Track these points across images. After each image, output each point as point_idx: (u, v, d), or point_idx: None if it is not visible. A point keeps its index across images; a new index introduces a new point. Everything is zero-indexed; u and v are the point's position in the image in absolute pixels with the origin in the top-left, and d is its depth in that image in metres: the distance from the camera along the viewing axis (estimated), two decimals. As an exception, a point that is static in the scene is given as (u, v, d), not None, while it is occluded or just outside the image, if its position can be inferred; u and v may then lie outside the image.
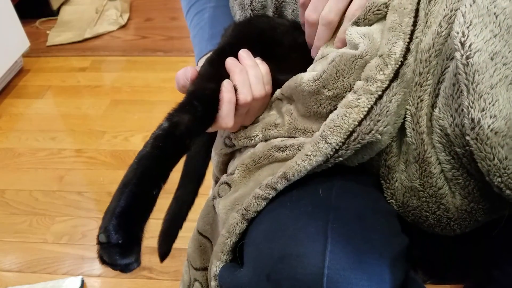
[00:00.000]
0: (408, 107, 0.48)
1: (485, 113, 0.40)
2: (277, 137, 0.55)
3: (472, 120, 0.41)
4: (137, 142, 1.55)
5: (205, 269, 0.59)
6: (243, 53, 0.58)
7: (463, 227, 0.48)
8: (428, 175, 0.47)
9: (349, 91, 0.48)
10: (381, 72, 0.46)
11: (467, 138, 0.42)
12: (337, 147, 0.46)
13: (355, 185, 0.50)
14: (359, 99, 0.46)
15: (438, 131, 0.46)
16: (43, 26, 2.27)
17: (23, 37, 1.91)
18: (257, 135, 0.56)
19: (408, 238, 0.51)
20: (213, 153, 0.65)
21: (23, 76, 1.94)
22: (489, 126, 0.40)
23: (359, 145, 0.46)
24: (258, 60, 0.58)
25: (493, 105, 0.40)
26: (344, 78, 0.49)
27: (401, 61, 0.46)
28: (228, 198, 0.54)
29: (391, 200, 0.51)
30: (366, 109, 0.45)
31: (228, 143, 0.60)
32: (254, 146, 0.58)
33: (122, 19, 2.26)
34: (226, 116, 0.53)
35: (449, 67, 0.45)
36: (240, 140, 0.58)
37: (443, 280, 0.63)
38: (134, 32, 2.20)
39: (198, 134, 0.53)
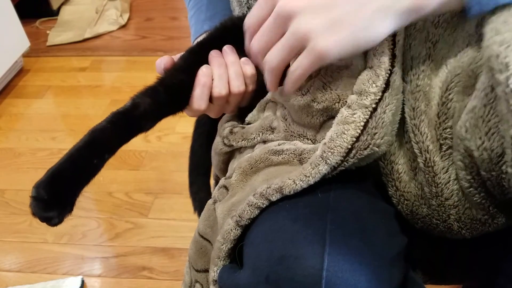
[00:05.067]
0: (405, 114, 0.48)
1: None
2: (274, 141, 0.55)
3: None
4: (137, 142, 1.55)
5: (206, 271, 0.59)
6: (227, 49, 0.59)
7: (474, 234, 0.48)
8: (432, 184, 0.47)
9: (338, 102, 0.48)
10: (373, 85, 0.45)
11: (509, 169, 0.39)
12: (336, 165, 0.46)
13: (353, 185, 0.50)
14: (354, 114, 0.46)
15: (462, 150, 0.44)
16: (43, 26, 2.27)
17: (23, 37, 1.91)
18: (254, 137, 0.57)
19: (408, 238, 0.51)
20: (212, 153, 0.66)
21: (23, 76, 1.93)
22: None
23: (357, 160, 0.46)
24: (244, 60, 0.59)
25: None
26: (332, 90, 0.48)
27: (390, 70, 0.45)
28: (226, 203, 0.54)
29: (399, 207, 0.51)
30: (362, 123, 0.45)
31: (227, 143, 0.60)
32: (252, 147, 0.58)
33: (122, 19, 2.26)
34: (198, 98, 0.56)
35: (464, 79, 0.44)
36: (238, 141, 0.58)
37: (443, 281, 0.63)
38: (134, 32, 2.20)
39: (157, 118, 0.55)
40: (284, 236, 0.43)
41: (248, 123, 0.61)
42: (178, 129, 1.58)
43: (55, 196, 0.48)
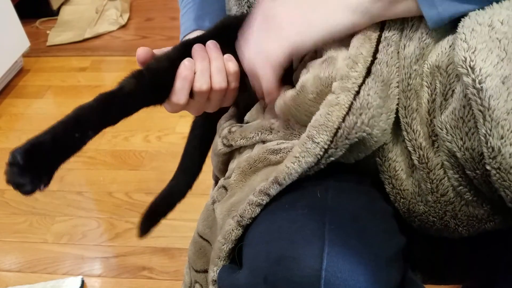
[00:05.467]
0: (398, 113, 0.48)
1: (505, 141, 0.39)
2: (272, 141, 0.55)
3: (492, 148, 0.40)
4: (137, 142, 1.55)
5: (205, 271, 0.59)
6: (210, 44, 0.59)
7: (471, 232, 0.48)
8: (427, 180, 0.47)
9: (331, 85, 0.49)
10: (352, 70, 0.47)
11: (488, 167, 0.41)
12: (325, 146, 0.46)
13: (352, 185, 0.50)
14: (338, 97, 0.46)
15: (446, 151, 0.45)
16: (43, 26, 2.27)
17: (23, 37, 1.91)
18: (253, 136, 0.57)
19: (408, 237, 0.51)
20: (212, 154, 0.66)
21: (23, 76, 1.93)
22: (510, 155, 0.39)
23: (347, 142, 0.46)
24: (227, 57, 0.58)
25: (511, 131, 0.39)
26: (321, 77, 0.50)
27: (371, 60, 0.47)
28: (225, 203, 0.54)
29: (396, 205, 0.51)
30: (347, 105, 0.46)
31: (226, 143, 0.60)
32: (252, 146, 0.57)
33: (122, 19, 2.26)
34: (178, 92, 0.56)
35: (448, 79, 0.45)
36: (237, 140, 0.58)
37: (443, 280, 0.63)
38: (134, 32, 2.20)
39: (140, 101, 0.56)
40: (282, 237, 0.43)
41: (247, 123, 0.61)
42: (178, 129, 1.58)
43: (31, 163, 0.47)
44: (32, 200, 1.38)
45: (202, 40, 0.60)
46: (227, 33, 0.61)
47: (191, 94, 0.57)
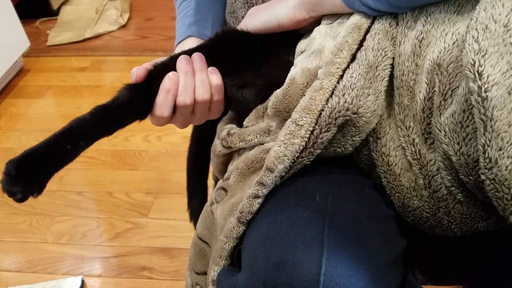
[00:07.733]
0: (395, 111, 0.48)
1: (503, 153, 0.39)
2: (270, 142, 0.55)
3: (489, 159, 0.39)
4: (137, 142, 1.55)
5: (205, 273, 0.59)
6: (195, 56, 0.59)
7: (464, 230, 0.48)
8: (420, 175, 0.47)
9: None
10: (337, 56, 0.48)
11: (482, 176, 0.40)
12: (310, 128, 0.46)
13: (352, 189, 0.50)
14: (322, 82, 0.47)
15: (442, 153, 0.45)
16: (43, 26, 2.27)
17: (23, 37, 1.91)
18: (252, 139, 0.56)
19: (408, 239, 0.51)
20: (212, 155, 0.65)
21: (23, 76, 1.93)
22: (507, 167, 0.39)
23: (334, 122, 0.46)
24: (211, 69, 0.58)
25: (510, 144, 0.39)
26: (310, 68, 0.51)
27: (356, 47, 0.48)
28: (225, 204, 0.54)
29: (391, 199, 0.51)
30: (330, 89, 0.46)
31: (225, 144, 0.60)
32: (251, 148, 0.57)
33: (122, 19, 2.26)
34: (161, 105, 0.56)
35: (451, 81, 0.44)
36: (236, 143, 0.58)
37: (443, 282, 0.63)
38: (134, 32, 2.20)
39: (134, 113, 0.56)
40: (282, 241, 0.43)
41: (246, 128, 0.61)
42: (178, 129, 1.58)
43: (22, 173, 0.50)
44: (32, 200, 1.38)
45: (204, 50, 0.60)
46: (223, 46, 0.62)
47: (175, 108, 0.57)
